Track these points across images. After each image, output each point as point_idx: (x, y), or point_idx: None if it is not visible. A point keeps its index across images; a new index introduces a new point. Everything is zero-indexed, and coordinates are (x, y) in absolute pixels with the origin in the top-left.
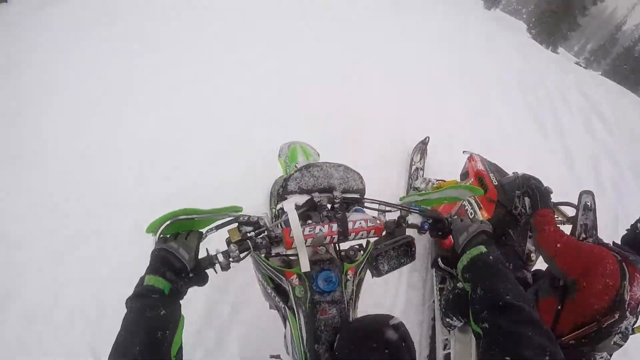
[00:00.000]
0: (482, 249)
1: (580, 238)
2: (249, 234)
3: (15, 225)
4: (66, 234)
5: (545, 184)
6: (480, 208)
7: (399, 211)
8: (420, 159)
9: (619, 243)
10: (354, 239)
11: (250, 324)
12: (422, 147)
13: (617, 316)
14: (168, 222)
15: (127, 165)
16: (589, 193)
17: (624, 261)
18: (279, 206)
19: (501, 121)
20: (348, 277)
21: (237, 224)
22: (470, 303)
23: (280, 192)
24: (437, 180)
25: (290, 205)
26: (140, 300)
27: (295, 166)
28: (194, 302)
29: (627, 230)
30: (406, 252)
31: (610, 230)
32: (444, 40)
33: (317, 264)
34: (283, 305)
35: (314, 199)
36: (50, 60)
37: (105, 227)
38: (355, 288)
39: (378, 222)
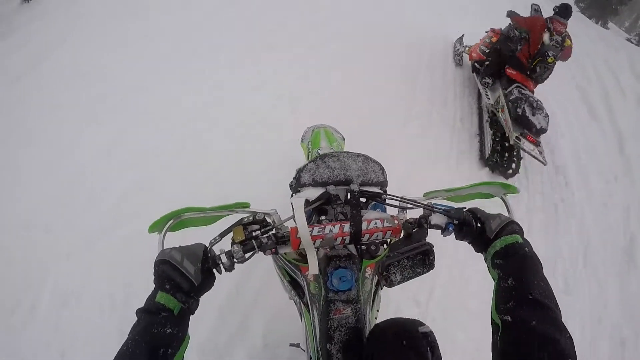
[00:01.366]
0: (519, 238)
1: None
2: (254, 233)
3: (45, 210)
4: (97, 221)
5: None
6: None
7: (422, 209)
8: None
9: None
10: (368, 240)
11: (274, 310)
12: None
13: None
14: (172, 221)
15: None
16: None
17: (547, 19)
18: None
19: (548, 102)
20: (367, 274)
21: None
22: (495, 291)
23: (294, 184)
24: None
25: (299, 201)
26: (149, 317)
27: (318, 152)
28: (218, 286)
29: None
30: (423, 261)
31: None
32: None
33: (333, 260)
34: (299, 300)
35: (330, 192)
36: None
37: (132, 213)
38: (374, 287)
39: (396, 222)
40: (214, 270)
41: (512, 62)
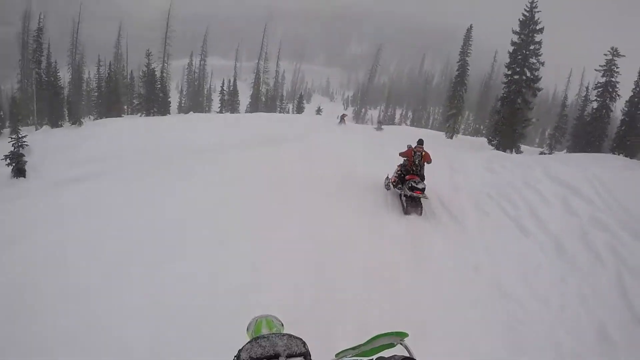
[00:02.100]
0: None
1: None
2: None
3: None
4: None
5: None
6: None
7: None
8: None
9: None
10: None
11: None
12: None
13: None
14: None
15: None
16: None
17: (412, 147)
18: None
19: (488, 248)
20: None
21: None
22: None
23: None
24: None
25: None
26: None
27: None
28: None
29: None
30: None
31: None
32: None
33: None
34: None
35: None
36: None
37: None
38: None
39: None
40: None
41: (407, 172)
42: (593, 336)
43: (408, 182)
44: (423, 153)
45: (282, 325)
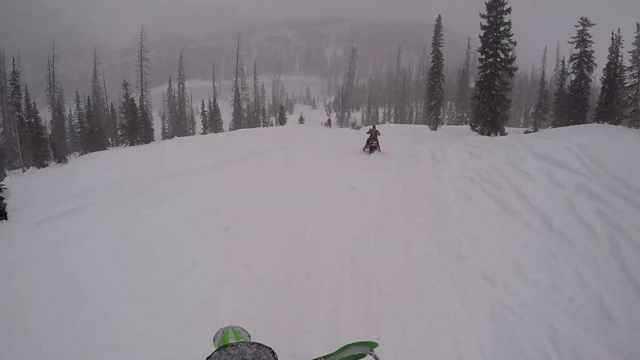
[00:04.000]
0: None
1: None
2: None
3: None
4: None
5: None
6: None
7: None
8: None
9: None
10: None
11: None
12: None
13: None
14: None
15: None
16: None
17: (372, 126)
18: None
19: (471, 233)
20: None
21: None
22: None
23: None
24: None
25: None
26: None
27: None
28: None
29: None
30: None
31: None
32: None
33: None
34: None
35: None
36: None
37: None
38: None
39: None
40: None
41: (369, 140)
42: (591, 313)
43: (369, 144)
44: (376, 130)
45: (249, 336)
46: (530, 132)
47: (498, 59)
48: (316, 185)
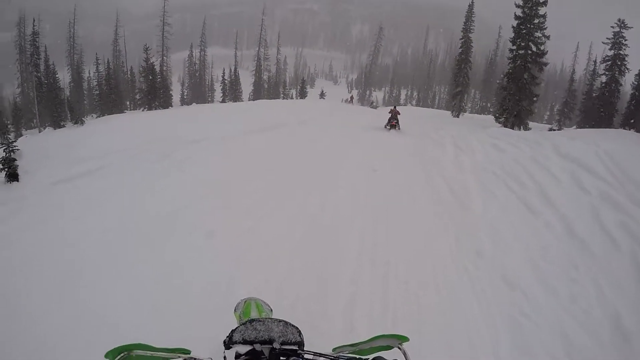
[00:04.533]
0: None
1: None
2: None
3: None
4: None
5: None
6: None
7: None
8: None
9: None
10: None
11: None
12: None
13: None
14: (124, 353)
15: None
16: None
17: (392, 108)
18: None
19: (493, 229)
20: None
21: None
22: None
23: (227, 341)
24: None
25: (231, 354)
26: None
27: None
28: None
29: None
30: None
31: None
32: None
33: None
34: None
35: (255, 348)
36: None
37: None
38: None
39: None
40: None
41: (390, 119)
42: (607, 329)
43: (389, 122)
44: (397, 110)
45: (271, 310)
46: (554, 129)
47: (529, 52)
48: (337, 161)
